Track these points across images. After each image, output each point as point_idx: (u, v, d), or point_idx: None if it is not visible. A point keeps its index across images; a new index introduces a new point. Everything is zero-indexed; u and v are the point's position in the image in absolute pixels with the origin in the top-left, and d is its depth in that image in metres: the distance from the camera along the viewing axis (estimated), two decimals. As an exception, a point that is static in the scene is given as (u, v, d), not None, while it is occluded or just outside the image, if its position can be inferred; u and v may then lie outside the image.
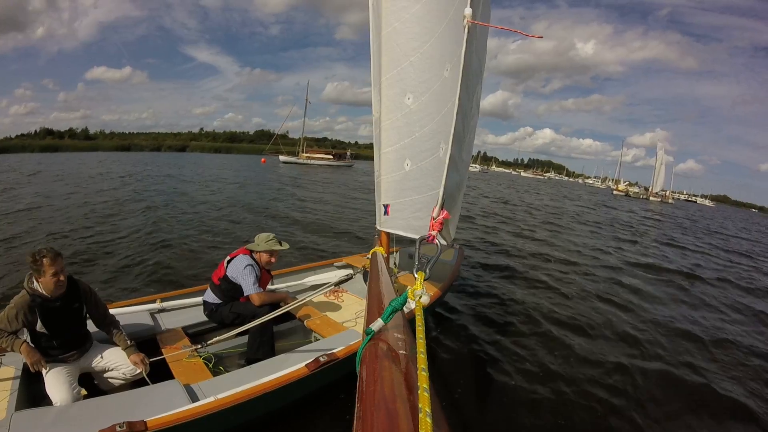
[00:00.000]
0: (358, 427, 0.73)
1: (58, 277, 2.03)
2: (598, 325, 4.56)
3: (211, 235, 7.32)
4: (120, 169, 21.82)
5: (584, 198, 33.58)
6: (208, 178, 20.10)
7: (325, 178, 25.53)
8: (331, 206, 12.46)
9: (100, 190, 12.89)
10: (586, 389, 3.22)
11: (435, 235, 1.52)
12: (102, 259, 5.52)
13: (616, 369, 3.58)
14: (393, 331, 1.11)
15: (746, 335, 4.88)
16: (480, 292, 5.27)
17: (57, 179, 15.51)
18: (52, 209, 8.91)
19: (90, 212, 8.76)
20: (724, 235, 19.07)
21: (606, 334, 4.33)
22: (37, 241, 6.23)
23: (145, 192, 12.82)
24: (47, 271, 1.99)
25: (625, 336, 4.34)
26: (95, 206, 9.51)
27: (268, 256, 3.09)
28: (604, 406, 3.00)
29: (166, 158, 39.72)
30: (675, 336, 4.52)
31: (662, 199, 50.70)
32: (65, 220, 7.81)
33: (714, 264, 9.78)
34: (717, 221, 29.76)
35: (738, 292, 7.11)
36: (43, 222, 7.60)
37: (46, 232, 6.79)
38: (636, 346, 4.12)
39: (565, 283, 6.15)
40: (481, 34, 2.24)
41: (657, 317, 5.05)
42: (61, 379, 2.04)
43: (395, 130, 2.64)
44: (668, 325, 4.84)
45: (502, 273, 6.34)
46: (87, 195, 11.44)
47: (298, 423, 2.46)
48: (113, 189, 13.29)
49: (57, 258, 2.02)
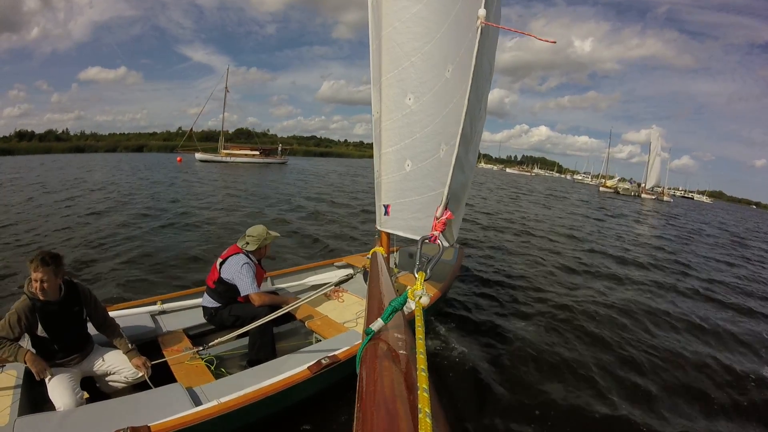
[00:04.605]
0: (358, 427, 0.73)
1: (42, 284, 2.01)
2: (599, 325, 4.54)
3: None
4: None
5: (539, 194, 26.54)
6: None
7: (236, 180, 19.57)
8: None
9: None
10: (587, 389, 3.20)
11: (437, 235, 1.51)
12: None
13: (617, 370, 3.57)
14: (393, 331, 1.11)
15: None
16: (480, 292, 5.26)
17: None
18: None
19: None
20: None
21: (607, 335, 4.31)
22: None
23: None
24: (31, 275, 2.01)
25: (626, 337, 4.32)
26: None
27: (264, 249, 3.09)
28: (604, 408, 2.99)
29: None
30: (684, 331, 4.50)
31: (657, 197, 43.85)
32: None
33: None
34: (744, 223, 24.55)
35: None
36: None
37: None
38: (637, 345, 4.11)
39: (565, 283, 6.14)
40: (492, 35, 2.23)
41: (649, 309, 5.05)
42: (64, 384, 2.04)
43: (396, 131, 2.63)
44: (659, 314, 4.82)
45: (502, 273, 6.33)
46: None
47: (300, 424, 2.45)
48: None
49: (41, 265, 1.99)
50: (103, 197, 11.59)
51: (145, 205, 10.37)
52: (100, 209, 9.45)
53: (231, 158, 34.88)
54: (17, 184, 14.26)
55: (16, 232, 7.00)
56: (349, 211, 11.60)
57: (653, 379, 3.50)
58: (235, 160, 34.70)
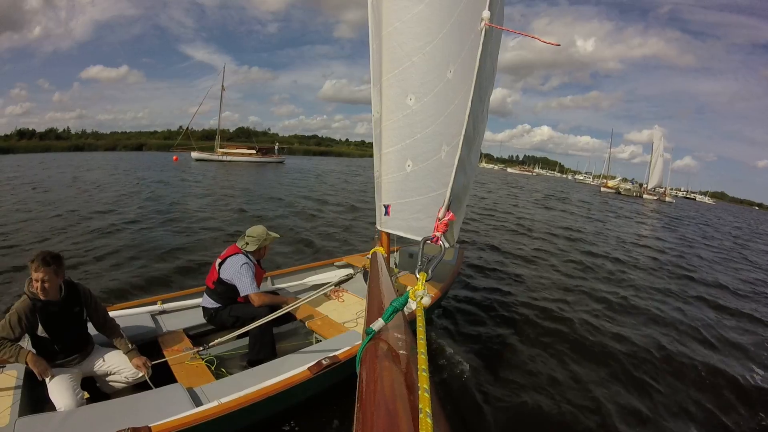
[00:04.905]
0: (358, 427, 0.73)
1: (43, 284, 2.01)
2: (601, 326, 4.54)
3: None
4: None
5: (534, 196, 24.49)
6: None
7: (233, 179, 19.50)
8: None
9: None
10: (588, 390, 3.20)
11: (439, 236, 1.51)
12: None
13: (618, 371, 3.57)
14: (393, 331, 1.11)
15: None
16: (480, 292, 5.26)
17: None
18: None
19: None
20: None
21: (607, 336, 4.30)
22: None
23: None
24: (32, 275, 2.01)
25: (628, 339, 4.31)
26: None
27: (264, 250, 3.09)
28: (605, 408, 2.98)
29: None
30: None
31: (659, 198, 43.63)
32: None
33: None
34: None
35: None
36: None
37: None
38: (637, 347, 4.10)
39: (564, 283, 6.14)
40: (495, 36, 2.23)
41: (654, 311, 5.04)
42: (64, 384, 2.04)
43: (396, 131, 2.63)
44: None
45: (502, 273, 6.33)
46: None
47: (300, 424, 2.45)
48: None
49: (43, 264, 2.00)
50: (89, 198, 11.22)
51: (138, 206, 10.22)
52: (88, 211, 9.03)
53: (227, 157, 34.75)
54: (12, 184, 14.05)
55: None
56: (339, 210, 11.53)
57: (655, 387, 3.45)
58: (231, 159, 34.53)
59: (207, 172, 23.24)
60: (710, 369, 3.84)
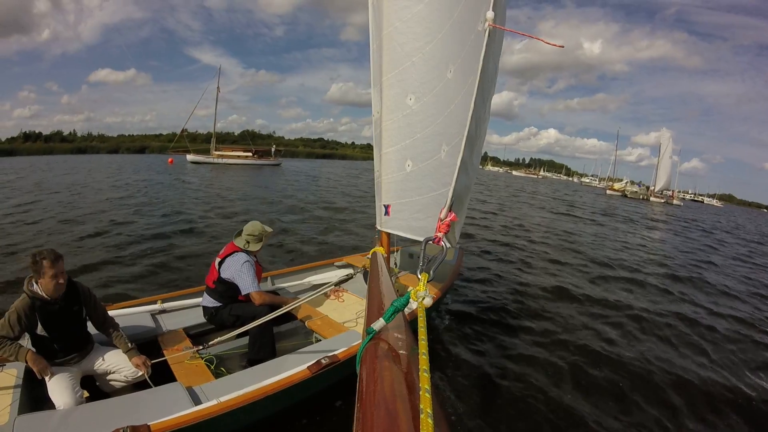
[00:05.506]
0: (358, 427, 0.72)
1: (58, 280, 2.03)
2: (601, 326, 4.54)
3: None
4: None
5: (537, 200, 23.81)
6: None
7: (227, 183, 18.57)
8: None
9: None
10: (588, 390, 3.20)
11: (441, 237, 1.51)
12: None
13: (622, 375, 3.56)
14: (393, 331, 1.10)
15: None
16: (480, 292, 5.26)
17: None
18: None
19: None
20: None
21: (607, 337, 4.31)
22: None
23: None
24: (47, 272, 2.00)
25: (628, 339, 4.32)
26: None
27: (262, 245, 3.11)
28: (606, 409, 2.99)
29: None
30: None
31: (667, 200, 42.32)
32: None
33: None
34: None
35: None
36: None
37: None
38: (637, 346, 4.11)
39: (565, 284, 6.14)
40: (498, 37, 2.22)
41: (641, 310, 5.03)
42: (64, 383, 2.04)
43: (396, 131, 2.63)
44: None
45: (502, 274, 6.33)
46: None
47: (299, 424, 2.45)
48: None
49: (57, 260, 2.03)
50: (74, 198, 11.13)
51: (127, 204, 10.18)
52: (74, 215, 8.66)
53: (222, 159, 34.66)
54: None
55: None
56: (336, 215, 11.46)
57: (657, 395, 3.41)
58: (226, 162, 34.45)
59: (195, 174, 23.02)
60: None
